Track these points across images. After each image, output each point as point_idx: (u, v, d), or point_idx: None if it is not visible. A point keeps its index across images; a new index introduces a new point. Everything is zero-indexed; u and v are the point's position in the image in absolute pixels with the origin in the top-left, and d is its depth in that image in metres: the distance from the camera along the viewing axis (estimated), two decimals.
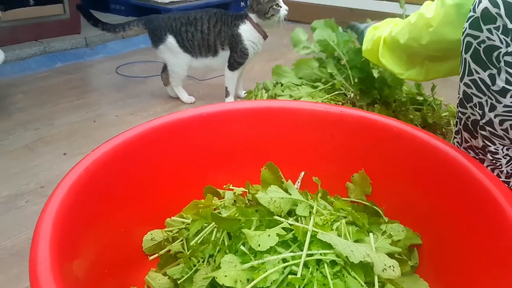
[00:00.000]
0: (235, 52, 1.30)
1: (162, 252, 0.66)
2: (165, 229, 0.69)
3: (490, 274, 0.52)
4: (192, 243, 0.61)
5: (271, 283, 0.50)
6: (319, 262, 0.53)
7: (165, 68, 1.41)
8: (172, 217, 0.70)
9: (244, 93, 1.45)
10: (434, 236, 0.64)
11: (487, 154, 0.64)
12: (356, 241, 0.59)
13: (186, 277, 0.58)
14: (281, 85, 1.27)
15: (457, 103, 0.65)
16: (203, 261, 0.59)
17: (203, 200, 0.71)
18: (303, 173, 0.80)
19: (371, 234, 0.61)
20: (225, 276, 0.51)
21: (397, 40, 0.81)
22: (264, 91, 1.32)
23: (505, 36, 0.52)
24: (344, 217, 0.65)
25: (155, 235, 0.67)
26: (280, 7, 1.24)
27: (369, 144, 0.75)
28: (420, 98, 1.24)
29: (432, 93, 1.22)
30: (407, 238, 0.65)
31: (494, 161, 0.65)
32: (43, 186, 0.95)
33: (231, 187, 0.76)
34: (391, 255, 0.58)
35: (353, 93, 1.20)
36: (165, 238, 0.66)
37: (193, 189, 0.73)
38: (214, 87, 1.57)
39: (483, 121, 0.60)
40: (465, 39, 0.58)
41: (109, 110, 1.37)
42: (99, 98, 1.47)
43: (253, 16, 1.27)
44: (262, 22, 1.27)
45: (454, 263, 0.59)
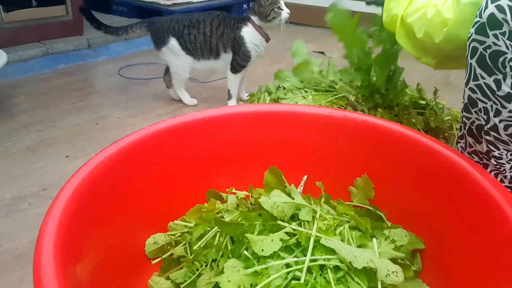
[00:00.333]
0: (238, 54, 1.30)
1: (165, 256, 0.66)
2: (168, 233, 0.69)
3: (493, 279, 0.52)
4: (195, 247, 0.61)
5: None
6: (322, 267, 0.53)
7: (167, 71, 1.41)
8: (174, 221, 0.70)
9: (247, 96, 1.45)
10: (437, 240, 0.64)
11: (491, 159, 0.64)
12: (359, 246, 0.59)
13: (189, 281, 0.58)
14: (284, 88, 1.27)
15: (461, 108, 0.65)
16: (206, 266, 0.59)
17: (206, 204, 0.71)
18: (305, 177, 0.80)
19: (374, 239, 0.61)
20: (228, 281, 0.51)
21: (412, 30, 0.77)
22: (266, 94, 1.32)
23: (511, 41, 0.52)
24: (347, 222, 0.65)
25: (157, 239, 0.67)
26: (282, 10, 1.24)
27: (372, 148, 0.75)
28: (423, 102, 1.23)
29: (435, 97, 1.22)
30: (410, 243, 0.64)
31: (498, 166, 0.64)
32: (46, 189, 0.95)
33: (233, 190, 0.76)
34: (394, 260, 0.58)
35: (355, 97, 1.19)
36: (167, 242, 0.66)
37: (195, 192, 0.73)
38: (216, 89, 1.57)
39: (488, 126, 0.60)
40: (470, 44, 0.58)
41: (111, 112, 1.37)
42: (101, 100, 1.47)
43: (255, 18, 1.27)
44: (263, 25, 1.27)
45: (456, 268, 0.59)
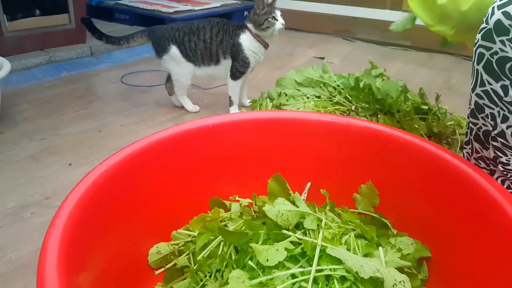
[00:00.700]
0: (237, 61, 1.31)
1: (168, 266, 0.65)
2: (171, 242, 0.68)
3: (500, 287, 0.51)
4: (199, 257, 0.60)
5: None
6: (328, 277, 0.52)
7: (169, 78, 1.41)
8: (178, 230, 0.70)
9: (249, 102, 1.45)
10: (443, 248, 0.63)
11: (498, 165, 0.64)
12: (365, 255, 0.58)
13: None
14: (285, 94, 1.27)
15: (467, 113, 0.65)
16: (210, 276, 0.58)
17: (210, 212, 0.70)
18: (309, 183, 0.80)
19: (380, 248, 0.60)
20: None
21: None
22: (268, 100, 1.32)
23: None
24: (353, 230, 0.64)
25: (161, 248, 0.66)
26: (276, 20, 1.23)
27: (376, 154, 0.74)
28: (425, 107, 1.23)
29: (437, 102, 1.21)
30: (416, 251, 0.64)
31: (505, 172, 0.64)
32: (49, 197, 0.95)
33: (237, 198, 0.75)
34: (400, 269, 0.57)
35: (355, 106, 1.20)
36: (171, 251, 0.66)
37: (199, 200, 0.73)
38: (218, 96, 1.57)
39: (495, 132, 0.60)
40: (477, 50, 0.58)
41: (114, 120, 1.37)
42: (104, 108, 1.47)
43: (250, 26, 1.28)
44: (258, 33, 1.27)
45: (463, 275, 0.58)
